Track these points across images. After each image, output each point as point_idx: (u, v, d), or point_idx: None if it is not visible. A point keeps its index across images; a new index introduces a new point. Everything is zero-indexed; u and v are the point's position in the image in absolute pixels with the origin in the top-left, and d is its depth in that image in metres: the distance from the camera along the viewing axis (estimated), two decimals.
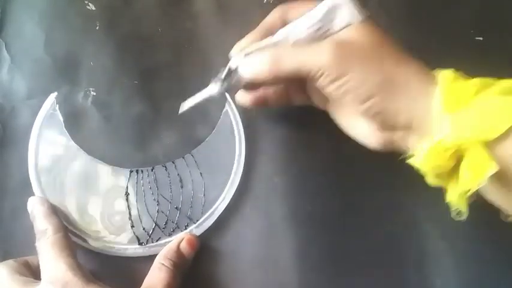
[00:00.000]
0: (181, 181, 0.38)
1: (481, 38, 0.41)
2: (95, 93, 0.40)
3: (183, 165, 0.38)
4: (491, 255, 0.36)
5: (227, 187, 0.37)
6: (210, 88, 0.34)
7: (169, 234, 0.37)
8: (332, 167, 0.39)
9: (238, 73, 0.33)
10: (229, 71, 0.33)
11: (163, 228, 0.37)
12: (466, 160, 0.28)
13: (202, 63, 0.41)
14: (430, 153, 0.29)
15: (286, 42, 0.32)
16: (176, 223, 0.37)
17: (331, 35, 0.31)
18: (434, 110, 0.28)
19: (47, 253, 0.33)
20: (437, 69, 0.30)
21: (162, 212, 0.37)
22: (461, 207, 0.29)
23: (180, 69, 0.41)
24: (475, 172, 0.27)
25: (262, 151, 0.39)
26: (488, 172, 0.27)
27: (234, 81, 0.33)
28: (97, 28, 0.42)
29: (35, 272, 0.34)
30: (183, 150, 0.39)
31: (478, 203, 0.29)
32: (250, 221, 0.38)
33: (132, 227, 0.37)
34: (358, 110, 0.30)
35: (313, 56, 0.30)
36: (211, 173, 0.38)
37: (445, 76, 0.29)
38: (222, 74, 0.33)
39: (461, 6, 0.41)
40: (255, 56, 0.32)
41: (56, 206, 0.37)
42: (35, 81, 0.41)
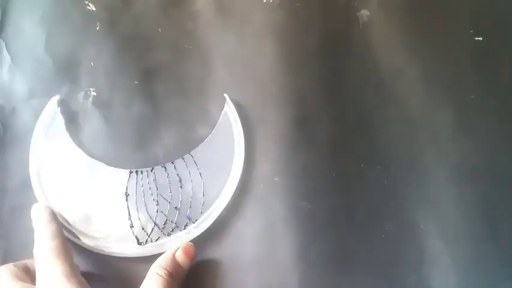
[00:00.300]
0: (180, 181, 0.38)
1: (480, 38, 0.41)
2: (95, 94, 0.41)
3: (183, 165, 0.38)
4: (490, 255, 0.36)
5: (226, 187, 0.37)
6: None
7: (169, 234, 0.37)
8: (332, 166, 0.38)
9: None
10: None
11: (162, 228, 0.37)
12: None
13: (202, 64, 0.41)
14: None
15: None
16: (175, 223, 0.37)
17: None
18: None
19: (42, 259, 0.32)
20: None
21: (161, 212, 0.37)
22: None
23: (180, 70, 0.41)
24: None
25: (261, 151, 0.39)
26: None
27: None
28: (97, 28, 0.42)
29: (33, 277, 0.34)
30: (183, 150, 0.39)
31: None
32: (250, 220, 0.37)
33: (131, 227, 0.37)
34: None
35: None
36: (210, 173, 0.38)
37: None
38: None
39: (461, 6, 0.41)
40: None
41: (55, 207, 0.37)
42: (36, 81, 0.41)
